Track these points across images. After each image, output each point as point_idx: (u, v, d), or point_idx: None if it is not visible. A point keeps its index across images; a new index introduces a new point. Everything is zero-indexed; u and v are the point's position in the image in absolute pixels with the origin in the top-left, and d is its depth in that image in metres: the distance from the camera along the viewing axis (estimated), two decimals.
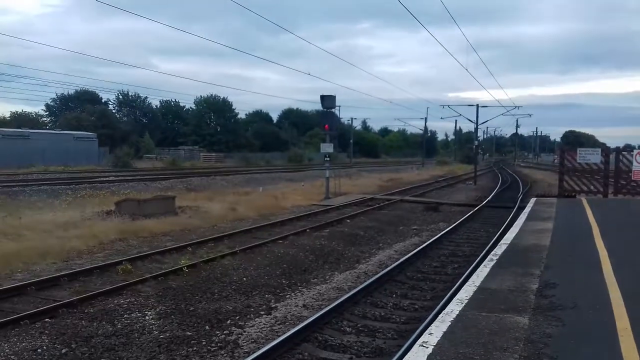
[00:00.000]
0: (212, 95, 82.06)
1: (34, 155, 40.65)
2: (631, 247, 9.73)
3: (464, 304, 5.79)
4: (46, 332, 6.90)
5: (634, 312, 5.41)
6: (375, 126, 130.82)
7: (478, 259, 10.93)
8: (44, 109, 79.26)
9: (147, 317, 7.57)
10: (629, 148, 24.03)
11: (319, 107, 26.03)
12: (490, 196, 26.87)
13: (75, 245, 12.08)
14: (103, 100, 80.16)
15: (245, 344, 6.71)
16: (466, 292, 6.32)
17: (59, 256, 11.17)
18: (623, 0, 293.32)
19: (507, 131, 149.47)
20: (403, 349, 6.01)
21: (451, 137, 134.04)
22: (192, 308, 8.05)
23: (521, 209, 17.18)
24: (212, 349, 6.54)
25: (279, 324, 7.43)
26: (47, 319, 7.33)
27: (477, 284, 6.69)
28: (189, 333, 7.01)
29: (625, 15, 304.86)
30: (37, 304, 8.01)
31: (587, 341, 4.72)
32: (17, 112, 71.11)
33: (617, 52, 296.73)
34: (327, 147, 25.18)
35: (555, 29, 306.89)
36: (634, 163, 18.81)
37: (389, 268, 10.45)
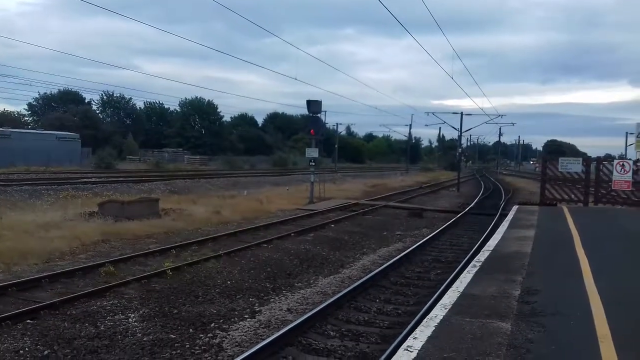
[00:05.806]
0: (197, 97, 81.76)
1: (15, 155, 40.04)
2: (611, 255, 9.90)
3: (447, 309, 5.86)
4: (28, 333, 6.83)
5: (615, 319, 5.52)
6: (360, 132, 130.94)
7: (461, 265, 11.04)
8: (26, 108, 78.25)
9: (130, 320, 7.52)
10: (609, 158, 24.35)
11: (304, 111, 26.06)
12: (473, 203, 27.10)
13: (57, 246, 11.94)
14: (86, 101, 79.38)
15: (229, 347, 6.70)
16: (450, 297, 6.38)
17: (41, 257, 11.03)
18: (602, 14, 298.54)
19: (490, 139, 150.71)
20: (388, 352, 6.05)
21: (435, 144, 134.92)
22: (175, 311, 8.02)
23: (503, 216, 17.37)
24: (196, 352, 6.52)
25: (263, 328, 7.43)
26: (29, 320, 7.25)
27: (461, 289, 6.77)
28: (172, 336, 6.99)
29: (604, 28, 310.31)
30: (19, 305, 7.90)
31: (568, 347, 4.80)
32: None
33: (596, 64, 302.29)
34: (313, 152, 25.23)
35: (536, 40, 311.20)
36: (614, 173, 19.13)
37: (372, 273, 10.51)
